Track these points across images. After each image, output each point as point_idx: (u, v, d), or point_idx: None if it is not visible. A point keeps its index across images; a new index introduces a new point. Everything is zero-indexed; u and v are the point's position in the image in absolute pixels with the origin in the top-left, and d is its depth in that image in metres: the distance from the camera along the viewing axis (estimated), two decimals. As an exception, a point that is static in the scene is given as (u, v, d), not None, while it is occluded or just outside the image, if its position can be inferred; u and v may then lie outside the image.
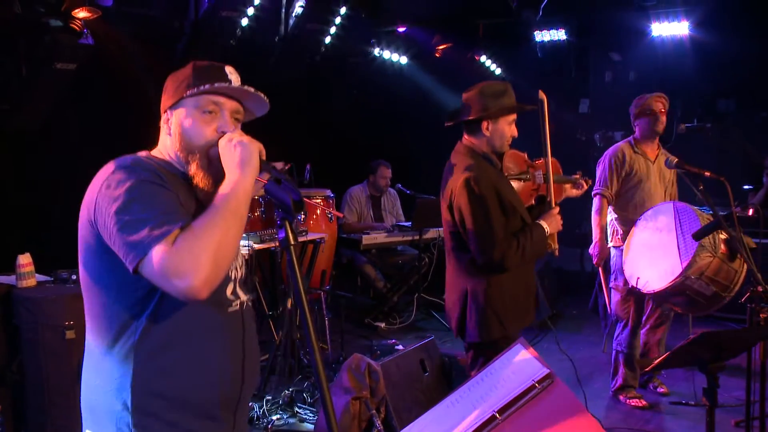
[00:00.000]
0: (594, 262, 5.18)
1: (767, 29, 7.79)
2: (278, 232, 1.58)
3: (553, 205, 3.54)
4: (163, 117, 2.01)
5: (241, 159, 1.82)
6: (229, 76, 1.98)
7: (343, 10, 7.87)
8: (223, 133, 1.92)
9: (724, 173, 3.67)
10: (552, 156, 3.63)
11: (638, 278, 4.26)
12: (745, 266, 4.03)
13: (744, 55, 7.92)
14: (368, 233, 7.11)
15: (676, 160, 3.56)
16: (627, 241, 4.65)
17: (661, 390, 5.25)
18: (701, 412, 4.78)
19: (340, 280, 7.39)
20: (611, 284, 5.09)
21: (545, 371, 1.84)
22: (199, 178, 1.93)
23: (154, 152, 2.03)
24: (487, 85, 3.47)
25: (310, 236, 5.70)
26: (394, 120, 9.78)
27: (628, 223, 4.84)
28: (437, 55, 9.43)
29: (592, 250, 5.13)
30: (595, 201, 5.04)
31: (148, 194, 1.77)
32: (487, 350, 3.46)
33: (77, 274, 4.45)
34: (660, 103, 4.89)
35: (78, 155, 6.34)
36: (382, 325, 7.18)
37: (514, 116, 3.48)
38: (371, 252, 7.23)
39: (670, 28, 8.24)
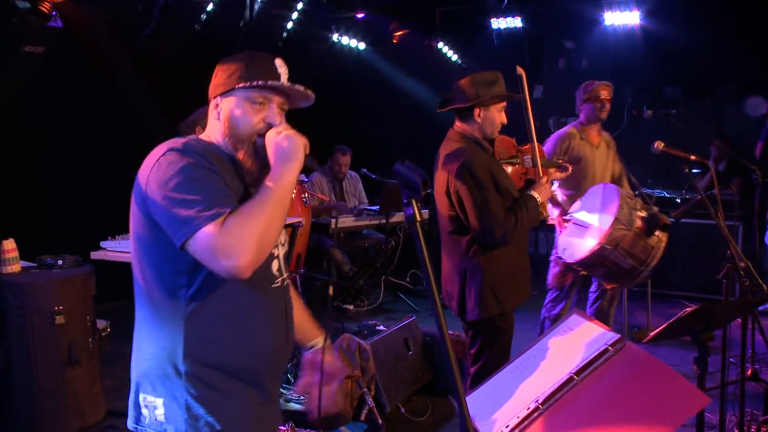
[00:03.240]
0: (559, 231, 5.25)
1: (713, 19, 8.15)
2: (405, 209, 1.65)
3: (540, 167, 3.78)
4: (212, 102, 2.09)
5: (287, 153, 1.93)
6: (279, 70, 2.06)
7: (305, -5, 7.92)
8: (270, 124, 2.02)
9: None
10: (531, 141, 3.84)
11: (564, 249, 4.55)
12: (663, 243, 4.32)
13: (691, 44, 8.26)
14: (334, 216, 7.20)
15: (662, 145, 3.77)
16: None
17: None
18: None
19: (306, 263, 7.47)
20: (551, 257, 5.30)
21: (617, 336, 1.98)
22: (246, 164, 2.01)
23: (202, 136, 2.11)
24: (479, 74, 3.62)
25: (289, 220, 5.75)
26: (355, 105, 9.86)
27: (571, 203, 5.08)
28: (394, 41, 9.52)
29: (553, 218, 5.22)
30: None
31: (198, 176, 1.86)
32: (486, 327, 3.64)
33: (62, 259, 4.48)
34: (606, 91, 5.10)
35: (47, 139, 6.27)
36: (351, 307, 7.30)
37: (504, 104, 3.66)
38: (339, 236, 7.33)
39: (622, 18, 8.53)
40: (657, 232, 4.21)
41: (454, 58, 10.31)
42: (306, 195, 6.42)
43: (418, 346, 5.01)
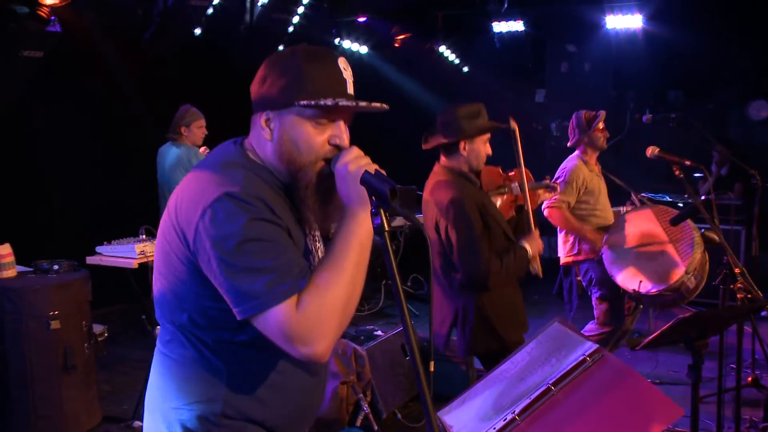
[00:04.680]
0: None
1: (716, 23, 8.11)
2: (374, 219, 1.56)
3: (531, 218, 3.68)
4: (262, 115, 1.72)
5: (365, 193, 1.61)
6: (344, 75, 1.71)
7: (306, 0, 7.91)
8: (337, 147, 1.70)
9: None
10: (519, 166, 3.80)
11: (640, 282, 4.33)
12: (708, 256, 4.30)
13: (693, 47, 8.23)
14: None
15: (658, 150, 3.75)
16: (607, 248, 4.72)
17: None
18: (664, 390, 5.06)
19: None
20: (596, 295, 5.06)
21: (595, 346, 1.95)
22: (308, 201, 1.71)
23: (248, 145, 1.77)
24: (462, 107, 3.54)
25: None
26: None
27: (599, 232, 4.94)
28: (396, 45, 9.53)
29: (586, 247, 4.96)
30: (556, 213, 5.00)
31: (263, 235, 1.57)
32: (493, 361, 3.57)
33: (58, 264, 4.47)
34: (603, 120, 5.05)
35: (45, 143, 6.28)
36: (351, 311, 7.28)
37: (488, 135, 3.59)
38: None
39: (624, 21, 8.49)
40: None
41: (456, 61, 10.32)
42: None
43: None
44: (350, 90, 1.72)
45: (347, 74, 1.72)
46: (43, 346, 4.27)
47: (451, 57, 10.19)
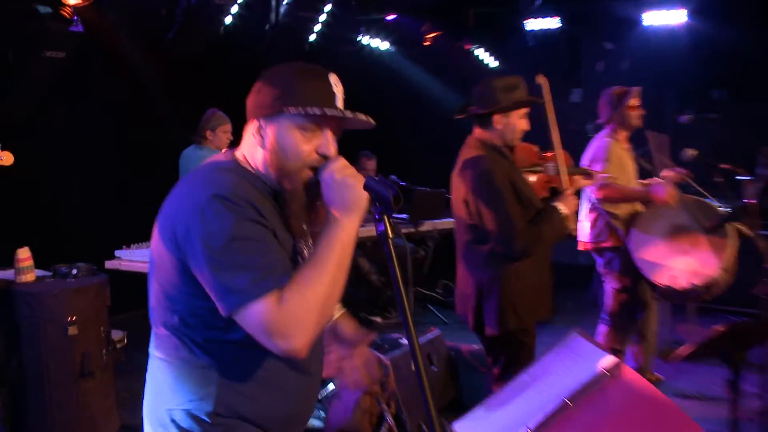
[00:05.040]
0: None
1: (760, 19, 7.82)
2: (377, 225, 1.63)
3: (567, 182, 3.54)
4: (254, 124, 1.83)
5: (350, 201, 1.70)
6: (334, 89, 1.81)
7: (333, -3, 7.81)
8: (323, 156, 1.78)
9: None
10: (555, 149, 3.62)
11: (674, 277, 4.15)
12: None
13: (737, 44, 7.93)
14: (363, 225, 7.04)
15: (697, 153, 3.55)
16: (635, 239, 4.52)
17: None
18: (699, 406, 4.84)
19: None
20: (616, 286, 4.84)
21: (613, 359, 1.89)
22: (293, 206, 1.79)
23: (239, 155, 1.87)
24: (498, 79, 3.46)
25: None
26: (384, 110, 9.72)
27: (628, 221, 4.71)
28: (426, 43, 9.35)
29: (661, 192, 4.47)
30: (610, 188, 4.62)
31: (249, 236, 1.65)
32: (505, 343, 3.46)
33: (77, 268, 4.39)
34: (639, 97, 4.82)
35: (66, 144, 6.25)
36: (378, 319, 7.13)
37: (525, 110, 3.49)
38: (366, 245, 7.15)
39: (664, 17, 8.24)
40: None
41: (488, 60, 10.11)
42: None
43: (443, 361, 4.82)
44: (339, 104, 1.81)
45: (337, 89, 1.82)
46: (61, 352, 4.20)
47: (483, 56, 9.99)
